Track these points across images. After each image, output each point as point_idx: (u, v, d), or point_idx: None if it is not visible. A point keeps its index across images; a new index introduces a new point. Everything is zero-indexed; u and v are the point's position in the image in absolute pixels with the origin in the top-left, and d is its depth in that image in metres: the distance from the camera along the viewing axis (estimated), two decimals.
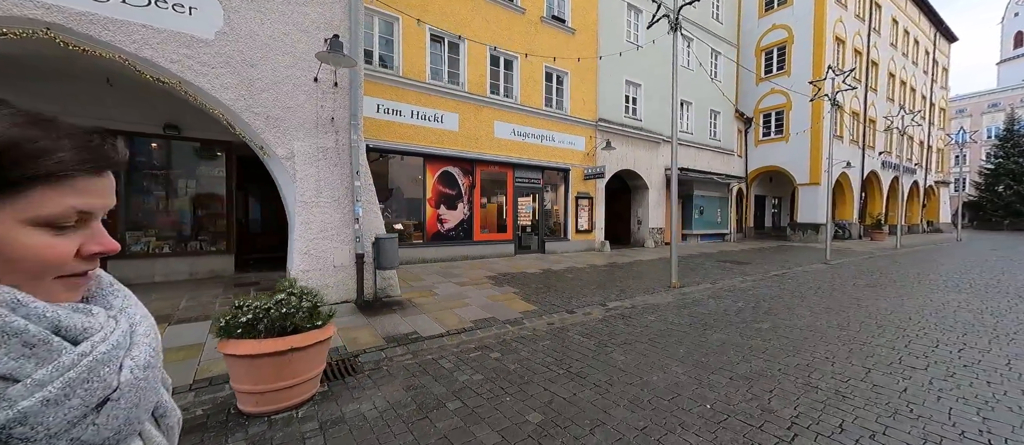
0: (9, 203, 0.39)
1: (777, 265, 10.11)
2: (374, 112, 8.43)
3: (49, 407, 0.38)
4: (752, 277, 8.26)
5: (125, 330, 0.47)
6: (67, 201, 0.41)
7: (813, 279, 8.07)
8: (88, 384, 0.41)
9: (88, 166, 0.42)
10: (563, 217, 12.29)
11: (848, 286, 7.25)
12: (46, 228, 0.41)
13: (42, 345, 0.39)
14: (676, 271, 7.21)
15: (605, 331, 4.50)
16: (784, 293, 6.62)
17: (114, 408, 0.43)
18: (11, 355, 0.37)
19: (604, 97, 12.88)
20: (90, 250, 0.44)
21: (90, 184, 0.43)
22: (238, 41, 4.78)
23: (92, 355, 0.42)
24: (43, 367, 0.39)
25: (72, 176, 0.41)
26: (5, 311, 0.38)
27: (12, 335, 0.38)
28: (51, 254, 0.42)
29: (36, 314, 0.40)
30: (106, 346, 0.43)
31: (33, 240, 0.40)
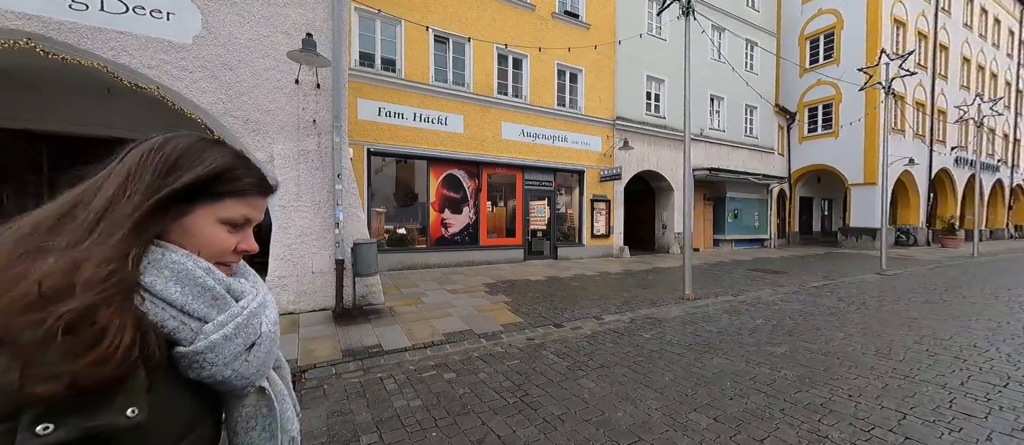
0: (212, 206, 0.57)
1: (819, 275, 8.97)
2: (375, 115, 8.37)
3: (226, 342, 0.53)
4: (785, 289, 7.30)
5: (263, 297, 0.62)
6: (242, 211, 0.59)
7: (859, 293, 6.99)
8: (247, 329, 0.56)
9: (259, 191, 0.62)
10: (578, 221, 11.69)
11: (902, 302, 6.17)
12: (226, 226, 0.58)
13: (222, 299, 0.55)
14: (690, 281, 6.48)
15: (586, 350, 3.98)
16: (818, 309, 5.73)
17: (258, 350, 0.58)
18: (205, 303, 0.53)
19: (623, 94, 12.18)
20: (243, 248, 0.61)
21: (257, 202, 0.62)
22: (216, 45, 4.77)
23: (248, 308, 0.57)
24: (222, 313, 0.55)
25: (249, 195, 0.60)
26: (203, 273, 0.54)
27: (206, 290, 0.54)
28: (224, 245, 0.59)
29: (218, 278, 0.56)
30: (256, 303, 0.59)
31: (218, 233, 0.58)
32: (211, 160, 0.56)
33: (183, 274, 0.52)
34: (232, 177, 0.57)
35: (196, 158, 0.55)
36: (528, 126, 10.48)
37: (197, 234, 0.56)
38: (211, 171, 0.55)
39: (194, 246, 0.55)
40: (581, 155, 11.47)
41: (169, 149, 0.55)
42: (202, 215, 0.56)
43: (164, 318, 0.50)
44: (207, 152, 0.57)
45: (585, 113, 11.50)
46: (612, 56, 12.03)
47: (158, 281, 0.50)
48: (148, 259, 0.50)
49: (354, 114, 8.12)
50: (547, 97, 10.80)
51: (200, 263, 0.54)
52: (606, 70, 11.93)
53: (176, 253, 0.52)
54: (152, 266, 0.50)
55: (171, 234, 0.54)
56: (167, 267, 0.51)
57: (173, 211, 0.53)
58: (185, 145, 0.56)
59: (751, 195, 15.93)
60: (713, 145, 14.74)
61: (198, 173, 0.54)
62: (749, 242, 16.14)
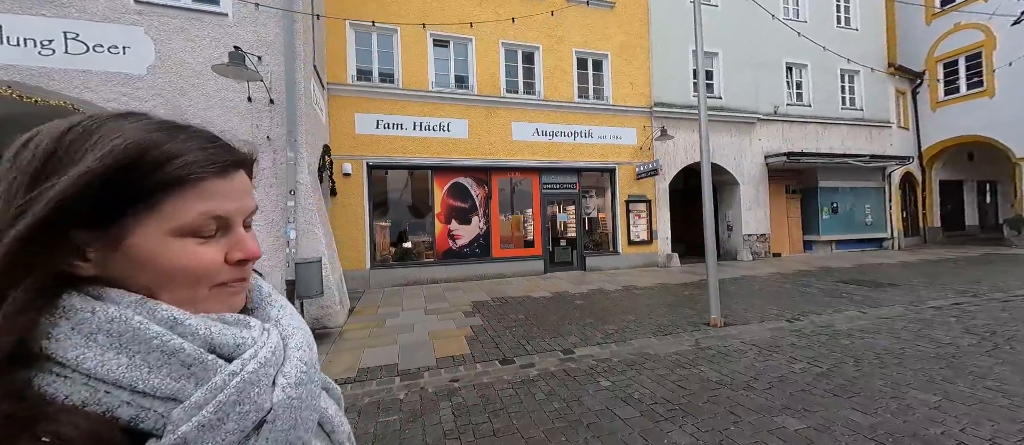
0: (150, 216, 0.36)
1: (952, 290, 6.30)
2: (373, 128, 8.24)
3: (205, 432, 0.35)
4: (881, 311, 5.15)
5: (276, 345, 0.42)
6: (199, 207, 0.38)
7: (1012, 319, 4.56)
8: (240, 406, 0.37)
9: (213, 167, 0.39)
10: (611, 226, 10.22)
11: None
12: (191, 238, 0.39)
13: (198, 364, 0.37)
14: (717, 302, 4.88)
15: (502, 403, 2.97)
16: (918, 348, 3.75)
17: (271, 431, 0.38)
18: (172, 376, 0.36)
19: (661, 76, 10.43)
20: (234, 257, 0.41)
21: (220, 186, 0.40)
22: (169, 73, 4.90)
23: (241, 375, 0.38)
24: (199, 388, 0.36)
25: (199, 180, 0.38)
26: (163, 330, 0.36)
27: (171, 354, 0.36)
28: (197, 263, 0.39)
29: (190, 331, 0.37)
30: (254, 364, 0.39)
31: (178, 250, 0.38)
32: (105, 144, 0.34)
33: (128, 337, 0.35)
34: (156, 159, 0.36)
35: (79, 146, 0.35)
36: (543, 124, 9.48)
37: (152, 262, 0.37)
38: (109, 161, 0.34)
39: (156, 281, 0.38)
40: (611, 151, 10.03)
41: (32, 145, 0.35)
42: (144, 233, 0.36)
43: (113, 405, 0.34)
44: (97, 133, 0.35)
45: (614, 103, 10.07)
46: (645, 34, 10.42)
47: (89, 354, 0.33)
48: (71, 321, 0.34)
49: (351, 129, 8.08)
50: (565, 90, 9.69)
51: (158, 312, 0.36)
52: (638, 51, 10.35)
53: (115, 305, 0.35)
54: (78, 332, 0.34)
55: (115, 272, 0.36)
56: (101, 330, 0.34)
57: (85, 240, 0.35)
58: (56, 133, 0.35)
59: (857, 182, 12.46)
60: (793, 124, 11.89)
61: (84, 170, 0.33)
62: (859, 243, 12.61)
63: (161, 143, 0.37)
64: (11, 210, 0.33)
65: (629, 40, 10.28)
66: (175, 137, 0.38)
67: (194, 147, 0.39)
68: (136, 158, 0.35)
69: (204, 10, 5.05)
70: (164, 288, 0.38)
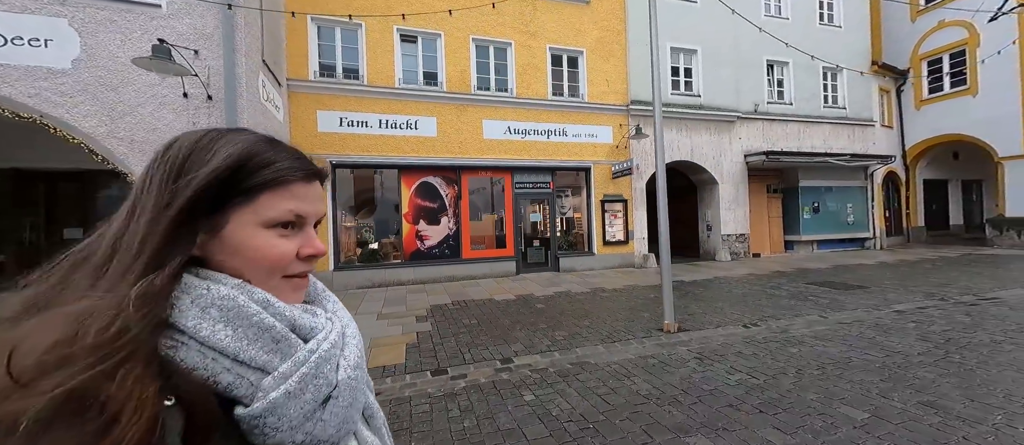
0: (247, 208, 0.43)
1: (921, 292, 6.15)
2: (337, 126, 7.99)
3: (290, 399, 0.40)
4: (843, 315, 4.98)
5: (339, 331, 0.48)
6: (287, 205, 0.45)
7: (974, 324, 4.40)
8: (316, 380, 0.42)
9: (300, 173, 0.46)
10: (587, 226, 10.02)
11: None
12: (274, 230, 0.44)
13: (284, 341, 0.42)
14: (671, 307, 4.69)
15: (411, 421, 2.77)
16: (869, 355, 3.58)
17: (335, 405, 0.44)
18: (264, 349, 0.41)
19: (639, 73, 10.22)
20: (306, 252, 0.47)
21: (303, 190, 0.47)
22: (97, 67, 4.65)
23: (319, 351, 0.44)
24: (285, 362, 0.41)
25: (289, 182, 0.45)
26: (259, 308, 0.41)
27: (264, 330, 0.41)
28: (278, 252, 0.45)
29: (279, 312, 0.43)
30: (327, 344, 0.45)
31: (265, 240, 0.44)
32: (226, 150, 0.43)
33: (234, 312, 0.40)
34: (259, 164, 0.44)
35: (207, 151, 0.43)
36: (516, 122, 9.26)
37: (243, 248, 0.43)
38: (229, 162, 0.42)
39: (243, 265, 0.44)
40: (586, 150, 9.83)
41: (174, 151, 0.43)
42: (240, 222, 0.43)
43: (216, 371, 0.38)
44: (220, 141, 0.44)
45: (589, 100, 9.86)
46: (622, 30, 10.21)
47: (204, 324, 0.39)
48: (190, 296, 0.39)
49: (313, 127, 7.84)
50: (539, 87, 9.47)
51: (255, 294, 0.42)
52: (615, 47, 10.15)
53: (224, 285, 0.41)
54: (196, 305, 0.39)
55: (213, 256, 0.43)
56: (214, 305, 0.40)
57: (201, 226, 0.42)
58: (192, 141, 0.44)
59: (839, 181, 12.32)
60: (775, 122, 11.72)
61: (213, 167, 0.42)
62: (841, 243, 12.48)
63: (263, 151, 0.45)
64: (164, 196, 0.40)
65: (605, 36, 10.07)
66: (274, 148, 0.46)
67: (286, 157, 0.46)
68: (246, 160, 0.43)
69: (135, 0, 4.79)
70: (248, 273, 0.43)
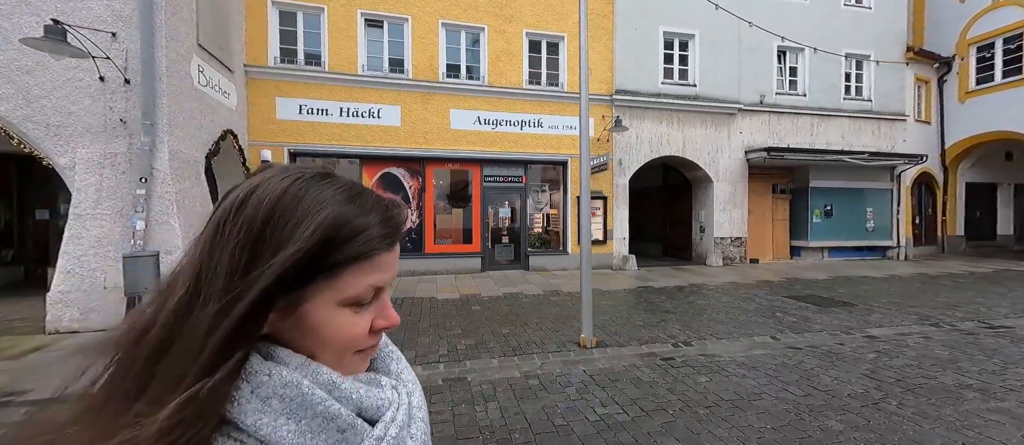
0: (328, 285, 0.38)
1: (918, 314, 5.28)
2: (296, 114, 7.88)
3: None
4: (801, 337, 4.31)
5: (406, 405, 0.44)
6: (368, 280, 0.40)
7: (944, 362, 3.63)
8: None
9: (385, 242, 0.41)
10: (562, 224, 9.49)
11: None
12: (351, 308, 0.40)
13: (350, 429, 0.38)
14: (589, 320, 4.21)
15: None
16: (785, 393, 2.98)
17: None
18: (329, 441, 0.37)
19: (626, 60, 9.49)
20: (379, 326, 0.43)
21: (386, 260, 0.41)
22: (11, 49, 4.65)
23: (385, 440, 0.40)
24: None
25: (374, 254, 0.40)
26: (325, 394, 0.37)
27: (330, 419, 0.37)
28: (353, 334, 0.40)
29: (345, 396, 0.39)
30: (395, 428, 0.41)
31: (343, 320, 0.39)
32: (314, 217, 0.37)
33: (298, 402, 0.36)
34: (347, 235, 0.38)
35: (288, 218, 0.36)
36: (486, 112, 8.83)
37: (317, 329, 0.38)
38: (318, 237, 0.36)
39: (314, 345, 0.39)
40: (564, 142, 9.26)
41: (249, 211, 0.36)
42: (317, 303, 0.38)
43: None
44: (304, 202, 0.37)
45: (569, 90, 9.26)
46: (609, 14, 9.48)
47: (265, 418, 0.34)
48: (251, 384, 0.35)
49: (272, 114, 7.76)
50: (513, 75, 8.96)
51: (320, 376, 0.38)
52: (600, 32, 9.44)
53: (287, 369, 0.36)
54: (256, 396, 0.35)
55: (280, 333, 0.39)
56: (276, 395, 0.35)
57: (274, 309, 0.36)
58: (272, 198, 0.36)
59: (858, 183, 11.06)
60: (783, 115, 10.61)
61: (301, 248, 0.35)
62: (858, 251, 11.25)
63: (352, 218, 0.38)
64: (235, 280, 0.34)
65: (590, 20, 9.29)
66: (363, 210, 0.39)
67: (375, 222, 0.40)
68: (335, 232, 0.37)
69: None
70: (317, 352, 0.39)
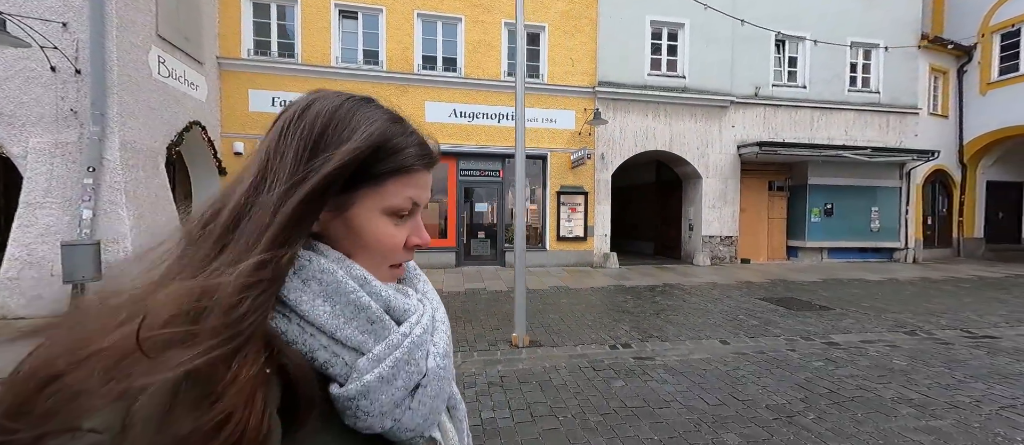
0: (374, 193, 0.42)
1: (896, 321, 4.87)
2: (268, 106, 7.89)
3: (382, 385, 0.39)
4: (753, 343, 4.00)
5: (430, 315, 0.46)
6: (407, 192, 0.43)
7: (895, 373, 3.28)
8: (408, 366, 0.41)
9: (423, 161, 0.45)
10: (542, 220, 9.26)
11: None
12: (392, 217, 0.43)
13: (378, 322, 0.40)
14: (523, 318, 4.03)
15: None
16: (700, 400, 2.73)
17: (423, 394, 0.42)
18: (359, 329, 0.39)
19: (610, 51, 9.15)
20: (413, 242, 0.46)
21: (422, 178, 0.45)
22: None
23: (411, 337, 0.42)
24: (378, 343, 0.40)
25: (415, 170, 0.44)
26: (356, 286, 0.40)
27: (360, 309, 0.39)
28: (393, 241, 0.44)
29: (375, 292, 0.41)
30: (420, 329, 0.43)
31: (384, 228, 0.43)
32: (365, 128, 0.41)
33: (333, 287, 0.39)
34: (393, 149, 0.42)
35: (345, 126, 0.41)
36: (463, 104, 8.67)
37: (361, 232, 0.42)
38: (367, 144, 0.40)
39: (355, 248, 0.42)
40: (544, 136, 9.01)
41: (311, 117, 0.40)
42: (364, 206, 0.42)
43: (314, 347, 0.38)
44: (357, 115, 0.42)
45: (549, 82, 8.99)
46: (593, 3, 9.14)
47: (305, 297, 0.38)
48: (294, 265, 0.38)
49: (244, 106, 7.80)
50: (491, 67, 8.77)
51: (353, 270, 0.41)
52: (583, 22, 9.13)
53: (325, 257, 0.40)
54: (297, 276, 0.38)
55: (329, 233, 0.42)
56: (315, 278, 0.38)
57: (328, 205, 0.40)
58: (330, 109, 0.41)
59: (862, 180, 10.41)
60: (780, 108, 10.06)
61: (353, 148, 0.39)
62: (861, 253, 10.61)
63: (397, 134, 0.43)
64: (299, 169, 0.38)
65: (572, 9, 9.08)
66: (405, 131, 0.44)
67: (415, 142, 0.44)
68: (382, 143, 0.41)
69: None
70: (357, 255, 0.42)
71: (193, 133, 6.79)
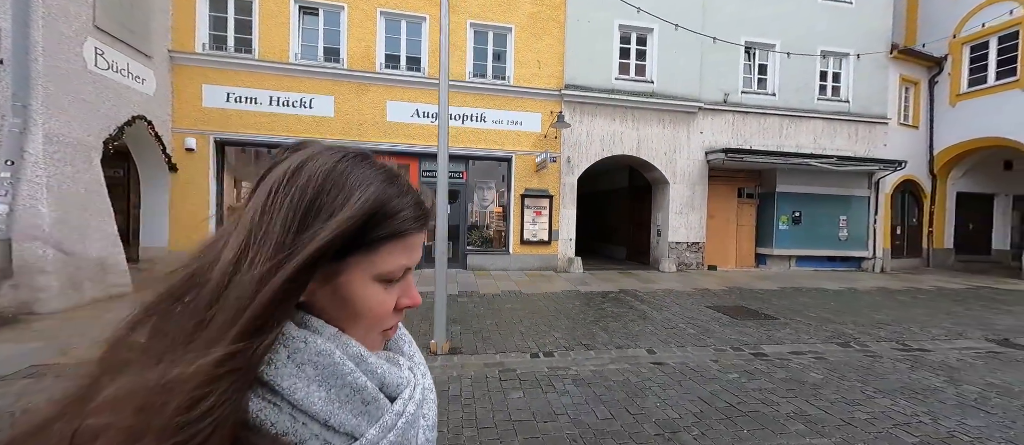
0: (364, 260, 0.39)
1: (831, 332, 4.78)
2: (223, 102, 7.73)
3: None
4: (672, 354, 3.90)
5: (421, 387, 0.45)
6: (401, 260, 0.42)
7: (820, 386, 3.18)
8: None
9: (417, 223, 0.42)
10: (506, 223, 9.15)
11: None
12: (383, 284, 0.41)
13: (373, 403, 0.39)
14: (442, 323, 3.90)
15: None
16: (609, 411, 2.61)
17: None
18: (354, 412, 0.37)
19: (578, 54, 9.09)
20: (403, 304, 0.44)
21: (416, 240, 0.43)
22: None
23: (404, 416, 0.40)
24: (372, 425, 0.38)
25: (409, 234, 0.42)
26: (354, 366, 0.38)
27: (357, 391, 0.38)
28: (383, 309, 0.42)
29: (371, 370, 0.40)
30: (412, 406, 0.42)
31: (375, 295, 0.41)
32: (360, 193, 0.38)
33: (330, 372, 0.37)
34: (388, 213, 0.40)
35: (338, 191, 0.38)
36: (426, 105, 8.55)
37: (351, 301, 0.40)
38: (362, 211, 0.38)
39: (346, 318, 0.40)
40: (508, 138, 8.91)
41: (302, 181, 0.37)
42: (353, 275, 0.39)
43: (304, 437, 0.35)
44: (352, 178, 0.39)
45: (515, 84, 8.90)
46: (561, 5, 9.08)
47: (300, 384, 0.35)
48: (288, 349, 0.36)
49: (198, 102, 7.63)
50: (455, 67, 8.63)
51: (350, 348, 0.39)
52: (551, 24, 9.06)
53: (321, 339, 0.37)
54: (292, 361, 0.35)
55: (316, 303, 0.40)
56: (310, 362, 0.36)
57: (316, 276, 0.37)
58: (323, 171, 0.38)
59: (831, 189, 10.41)
60: (749, 115, 10.04)
61: (347, 217, 0.37)
62: (830, 261, 10.60)
63: (393, 197, 0.40)
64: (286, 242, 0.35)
65: (540, 11, 9.01)
66: (401, 192, 0.41)
67: (409, 203, 0.41)
68: (378, 209, 0.38)
69: None
70: (347, 325, 0.40)
71: (138, 128, 6.61)
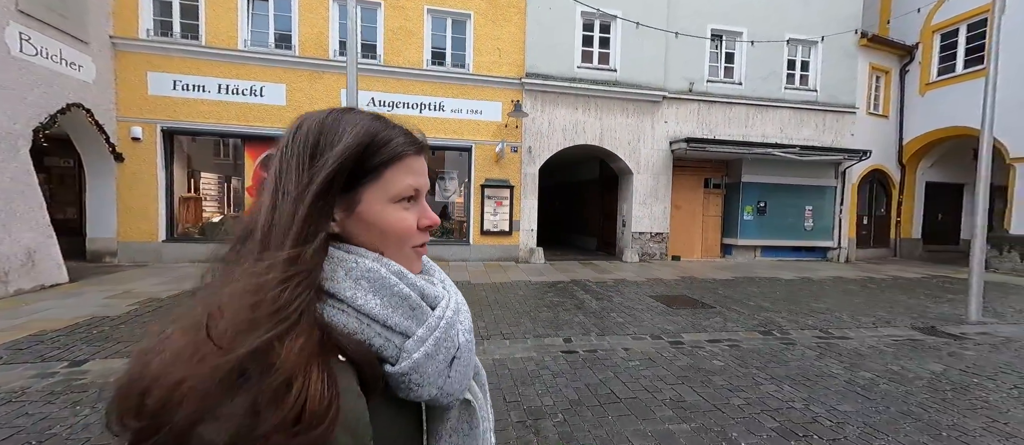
0: (376, 186, 0.46)
1: (762, 320, 4.77)
2: (169, 90, 7.55)
3: (428, 360, 0.45)
4: (585, 342, 3.86)
5: (455, 299, 0.52)
6: (407, 180, 0.48)
7: (715, 374, 3.16)
8: (446, 342, 0.47)
9: (412, 147, 0.49)
10: (467, 213, 9.07)
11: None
12: (399, 204, 0.48)
13: (418, 308, 0.46)
14: None
15: None
16: None
17: (458, 364, 0.48)
18: (404, 316, 0.45)
19: (539, 41, 8.94)
20: (424, 223, 0.51)
21: (415, 163, 0.49)
22: None
23: (445, 317, 0.48)
24: (420, 327, 0.46)
25: (406, 157, 0.48)
26: (397, 279, 0.45)
27: (403, 299, 0.45)
28: (406, 225, 0.48)
29: (411, 283, 0.47)
30: (450, 311, 0.49)
31: (395, 213, 0.47)
32: (351, 129, 0.46)
33: (379, 283, 0.44)
34: (380, 142, 0.47)
35: (333, 133, 0.46)
36: (382, 93, 8.40)
37: (377, 223, 0.47)
38: (356, 141, 0.45)
39: (378, 239, 0.47)
40: (467, 127, 8.79)
41: (303, 134, 0.46)
42: (371, 200, 0.47)
43: (370, 335, 0.43)
44: (343, 121, 0.47)
45: (474, 72, 8.76)
46: None
47: (359, 293, 0.43)
48: (343, 268, 0.44)
49: (143, 90, 7.44)
50: (412, 54, 8.50)
51: (391, 266, 0.46)
52: (511, 11, 8.89)
53: (367, 258, 0.45)
54: (349, 277, 0.44)
55: (351, 234, 0.47)
56: (363, 277, 0.44)
57: (338, 202, 0.45)
58: (318, 122, 0.46)
59: (796, 179, 10.38)
60: (715, 105, 9.95)
61: (344, 147, 0.44)
62: (796, 251, 10.62)
63: (381, 129, 0.47)
64: (303, 176, 0.43)
65: None
66: (387, 126, 0.49)
67: (399, 133, 0.49)
68: (370, 140, 0.46)
69: None
70: (383, 246, 0.47)
71: (75, 116, 6.45)
